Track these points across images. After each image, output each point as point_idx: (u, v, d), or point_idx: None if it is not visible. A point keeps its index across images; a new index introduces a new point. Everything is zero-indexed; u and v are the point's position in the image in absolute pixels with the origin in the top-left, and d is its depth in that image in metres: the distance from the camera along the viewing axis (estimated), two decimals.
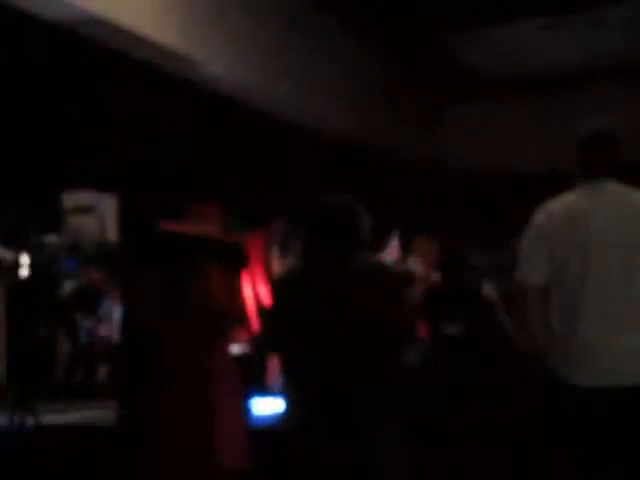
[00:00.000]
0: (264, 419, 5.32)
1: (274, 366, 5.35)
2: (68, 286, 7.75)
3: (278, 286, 3.33)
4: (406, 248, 6.81)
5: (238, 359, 4.44)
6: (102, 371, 7.91)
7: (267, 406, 5.70)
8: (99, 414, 6.27)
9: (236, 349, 4.66)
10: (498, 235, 6.22)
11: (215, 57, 5.81)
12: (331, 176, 7.28)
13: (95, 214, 7.94)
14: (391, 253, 6.58)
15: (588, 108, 8.55)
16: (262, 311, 5.41)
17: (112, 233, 7.76)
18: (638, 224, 3.01)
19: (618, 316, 2.94)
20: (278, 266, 5.66)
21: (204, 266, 3.73)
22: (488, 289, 4.99)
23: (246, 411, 4.02)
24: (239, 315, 4.07)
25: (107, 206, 7.76)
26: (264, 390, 6.04)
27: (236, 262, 4.01)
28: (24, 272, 6.87)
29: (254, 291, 5.72)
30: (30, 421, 5.62)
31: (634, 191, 3.09)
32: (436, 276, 5.55)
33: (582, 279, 2.97)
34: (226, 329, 3.87)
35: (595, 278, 2.96)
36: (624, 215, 3.02)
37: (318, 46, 7.23)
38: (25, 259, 6.87)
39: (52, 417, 5.91)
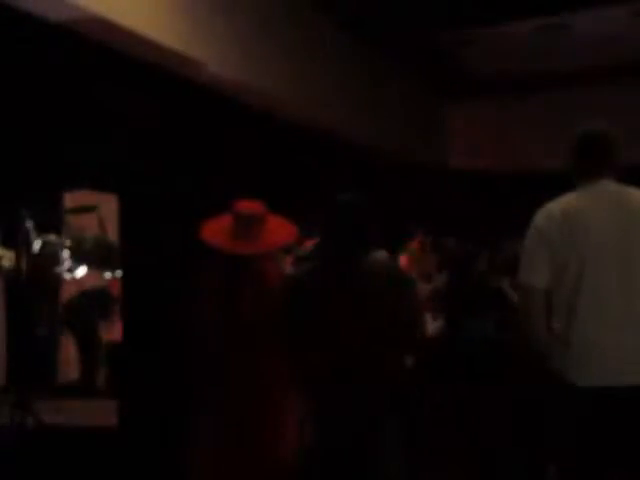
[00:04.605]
0: None
1: None
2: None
3: (289, 286, 3.34)
4: (402, 248, 6.82)
5: None
6: (103, 371, 7.91)
7: None
8: (99, 414, 6.27)
9: None
10: (498, 235, 6.23)
11: (215, 57, 5.81)
12: (332, 176, 7.28)
13: (95, 214, 7.94)
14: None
15: (588, 108, 8.58)
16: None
17: (112, 233, 7.75)
18: (636, 222, 3.02)
19: (617, 315, 2.95)
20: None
21: (259, 264, 3.52)
22: (508, 287, 4.92)
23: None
24: None
25: (107, 206, 7.76)
26: None
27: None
28: (24, 272, 6.86)
29: None
30: (30, 421, 5.62)
31: (633, 190, 3.09)
32: (440, 277, 5.54)
33: (580, 279, 2.98)
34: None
35: (593, 278, 2.97)
36: (622, 214, 3.03)
37: (318, 46, 7.23)
38: (25, 259, 6.86)
39: (52, 417, 5.91)
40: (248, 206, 3.54)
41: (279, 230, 3.58)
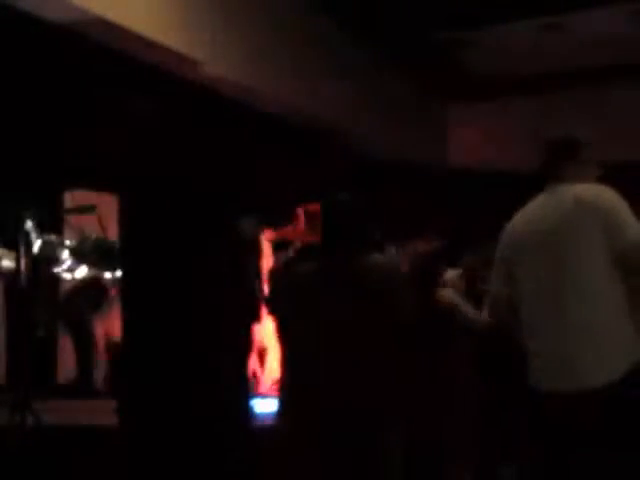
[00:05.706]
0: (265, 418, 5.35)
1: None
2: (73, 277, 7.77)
3: (289, 285, 3.35)
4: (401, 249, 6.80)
5: None
6: (101, 370, 7.91)
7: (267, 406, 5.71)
8: (99, 414, 6.27)
9: None
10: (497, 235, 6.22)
11: (215, 57, 5.81)
12: (331, 175, 7.28)
13: (95, 214, 7.93)
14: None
15: (588, 108, 8.58)
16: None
17: (112, 233, 7.75)
18: (580, 224, 2.98)
19: (563, 322, 2.94)
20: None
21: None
22: (448, 291, 4.77)
23: None
24: None
25: (107, 206, 7.75)
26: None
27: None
28: (24, 272, 6.86)
29: None
30: (30, 421, 5.62)
31: (591, 192, 3.02)
32: None
33: (525, 289, 3.03)
34: None
35: (535, 286, 3.00)
36: (568, 217, 2.99)
37: (317, 46, 7.23)
38: (25, 259, 6.86)
39: (52, 417, 5.91)
40: (316, 205, 4.22)
41: None
